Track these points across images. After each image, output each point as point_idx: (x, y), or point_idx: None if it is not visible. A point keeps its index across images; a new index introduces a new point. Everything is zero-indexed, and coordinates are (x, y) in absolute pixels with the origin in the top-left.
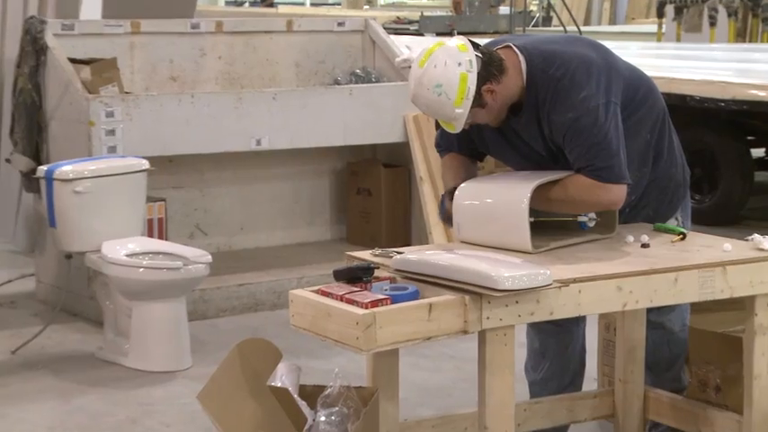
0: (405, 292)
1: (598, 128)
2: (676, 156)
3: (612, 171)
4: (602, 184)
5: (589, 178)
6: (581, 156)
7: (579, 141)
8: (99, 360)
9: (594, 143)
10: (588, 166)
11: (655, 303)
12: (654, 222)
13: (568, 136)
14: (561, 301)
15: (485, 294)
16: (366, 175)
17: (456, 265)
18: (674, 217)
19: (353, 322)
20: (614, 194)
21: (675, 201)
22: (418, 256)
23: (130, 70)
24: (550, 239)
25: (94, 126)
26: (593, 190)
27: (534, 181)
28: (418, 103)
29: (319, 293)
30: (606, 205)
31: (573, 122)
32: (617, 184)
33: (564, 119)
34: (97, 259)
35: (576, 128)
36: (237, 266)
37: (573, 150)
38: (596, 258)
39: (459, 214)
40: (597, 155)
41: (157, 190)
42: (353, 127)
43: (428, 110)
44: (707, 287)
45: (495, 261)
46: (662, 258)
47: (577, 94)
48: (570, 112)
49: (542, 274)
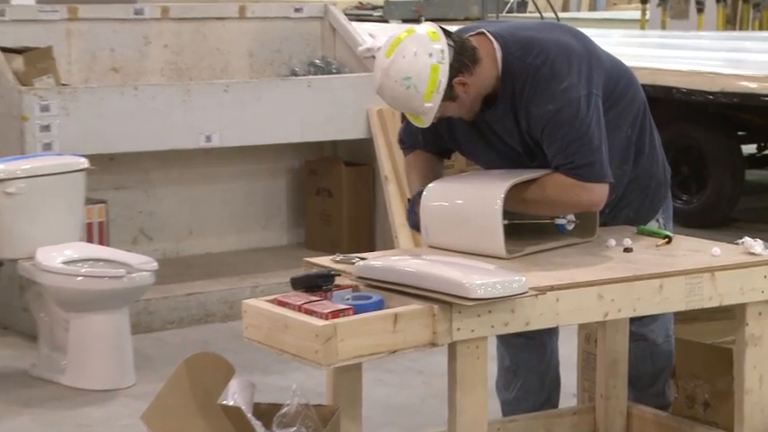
0: (368, 302)
1: (579, 121)
2: (657, 153)
3: (594, 169)
4: (582, 183)
5: (568, 177)
6: (560, 152)
7: (559, 136)
8: (32, 378)
9: (575, 138)
10: (568, 164)
11: (638, 312)
12: (634, 224)
13: (547, 130)
14: (538, 311)
15: (455, 304)
16: (326, 174)
17: (424, 271)
18: (654, 219)
19: (312, 334)
20: (596, 194)
21: (657, 201)
22: (383, 262)
23: (67, 60)
24: (526, 244)
25: (28, 121)
26: (572, 189)
27: (508, 180)
28: (384, 96)
29: (275, 303)
30: (587, 206)
31: (553, 115)
32: (598, 183)
33: (543, 111)
34: (31, 267)
35: (555, 121)
36: (186, 274)
37: (551, 146)
38: (575, 264)
39: (428, 217)
40: (578, 151)
41: (97, 191)
42: (312, 122)
43: (395, 103)
44: (694, 294)
45: (467, 267)
46: (646, 264)
47: (558, 85)
48: (550, 103)
49: (517, 281)
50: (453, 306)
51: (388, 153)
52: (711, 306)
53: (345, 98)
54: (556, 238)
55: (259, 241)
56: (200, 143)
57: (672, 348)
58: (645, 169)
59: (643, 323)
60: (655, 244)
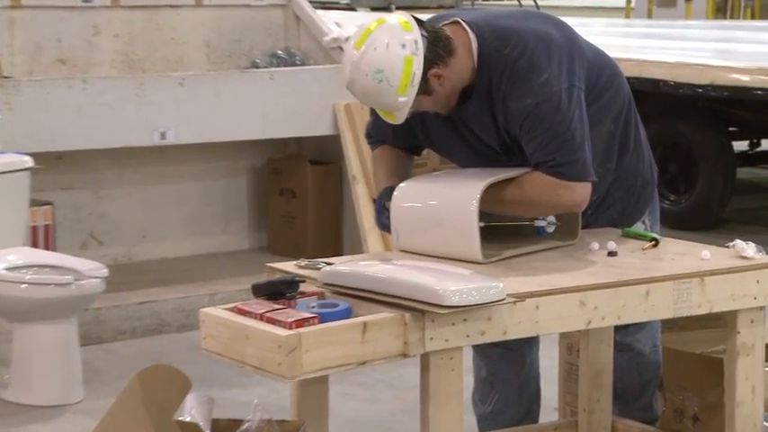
0: (335, 310)
1: (561, 116)
2: (643, 150)
3: (576, 167)
4: (564, 182)
5: (549, 175)
6: (540, 148)
7: (539, 132)
8: None
9: (556, 134)
10: (548, 161)
11: (623, 320)
12: (618, 226)
13: (526, 125)
14: (516, 319)
15: (428, 311)
16: (290, 173)
17: (395, 277)
18: (640, 220)
19: (275, 345)
20: (578, 194)
21: (642, 201)
22: (351, 267)
23: (10, 51)
24: (503, 247)
25: None
26: (553, 189)
27: (485, 179)
28: (354, 91)
29: (235, 312)
30: (569, 206)
31: (532, 109)
32: (581, 182)
33: (521, 105)
34: None
35: (535, 115)
36: (139, 281)
37: (531, 142)
38: (556, 269)
39: (399, 219)
40: (559, 148)
41: (43, 192)
42: (275, 117)
43: (366, 99)
44: (682, 301)
45: (440, 273)
46: (631, 268)
47: (537, 77)
48: (529, 97)
49: (494, 287)
50: (426, 314)
51: (356, 151)
52: (701, 313)
53: (310, 92)
54: (535, 241)
55: (218, 245)
56: (154, 140)
57: (659, 359)
58: (629, 167)
59: (628, 332)
60: (641, 247)
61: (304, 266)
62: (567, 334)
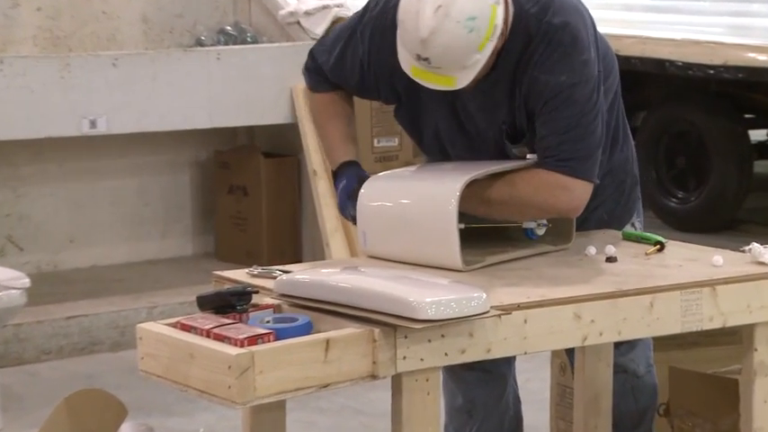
0: (293, 325)
1: (591, 105)
2: (630, 143)
3: (586, 164)
4: (565, 180)
5: (550, 171)
6: (556, 133)
7: (564, 115)
8: None
9: (580, 124)
10: (557, 153)
11: (624, 336)
12: (608, 228)
13: (553, 104)
14: (501, 335)
15: (400, 326)
16: (241, 168)
17: (362, 287)
18: (630, 222)
19: (224, 366)
20: (576, 196)
21: (632, 201)
22: (311, 276)
23: None
24: (487, 252)
25: None
26: (550, 189)
27: (466, 174)
28: (433, 45)
29: (178, 328)
30: (564, 210)
31: (566, 89)
32: (585, 181)
33: (555, 80)
34: None
35: (567, 96)
36: (66, 293)
37: (548, 124)
38: (547, 277)
39: (366, 220)
40: (578, 139)
41: None
42: (223, 103)
43: (443, 54)
44: (692, 314)
45: (414, 282)
46: (633, 276)
47: (579, 55)
48: (565, 74)
49: (476, 298)
50: (398, 329)
51: (317, 141)
52: (713, 328)
53: (264, 74)
54: (524, 245)
55: (157, 251)
56: (82, 130)
57: (655, 381)
58: (620, 162)
59: (620, 351)
60: (643, 252)
61: (257, 275)
62: (559, 352)
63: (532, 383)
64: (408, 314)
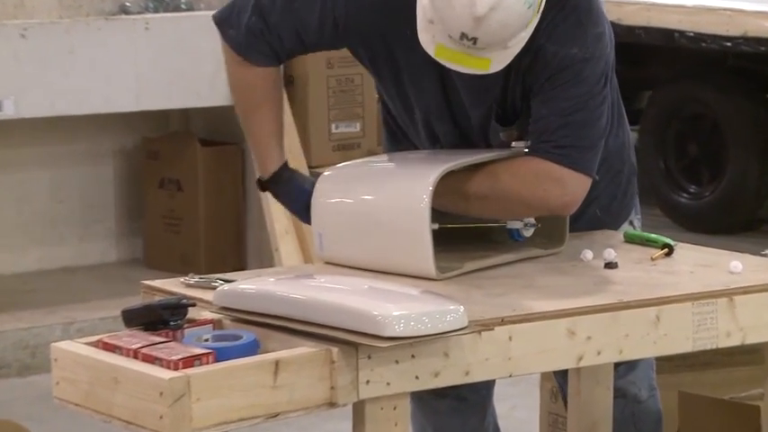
0: (236, 344)
1: (599, 88)
2: (626, 127)
3: (586, 154)
4: (560, 169)
5: (543, 159)
6: (555, 115)
7: (568, 94)
8: None
9: (586, 107)
10: (554, 138)
11: (626, 355)
12: (602, 227)
13: (558, 79)
14: (482, 354)
15: (363, 345)
16: (174, 158)
17: (317, 299)
18: (628, 221)
19: (155, 392)
20: (571, 191)
21: (630, 196)
22: (258, 285)
23: None
24: (465, 257)
25: None
26: (540, 181)
27: (441, 164)
28: (491, 20)
29: (100, 347)
30: (555, 207)
31: (575, 63)
32: (582, 174)
33: (564, 53)
34: None
35: (576, 72)
36: None
37: (549, 103)
38: (536, 286)
39: (323, 219)
40: (582, 125)
41: None
42: (152, 82)
43: (499, 32)
44: (705, 329)
45: (380, 292)
46: (636, 285)
47: (594, 27)
48: (577, 46)
49: (452, 311)
50: (360, 349)
51: None
52: (730, 345)
53: (201, 47)
54: (508, 248)
55: (75, 257)
56: None
57: (659, 407)
58: (616, 149)
59: (619, 373)
60: (649, 256)
61: (194, 285)
62: (550, 375)
63: (518, 412)
64: (372, 330)
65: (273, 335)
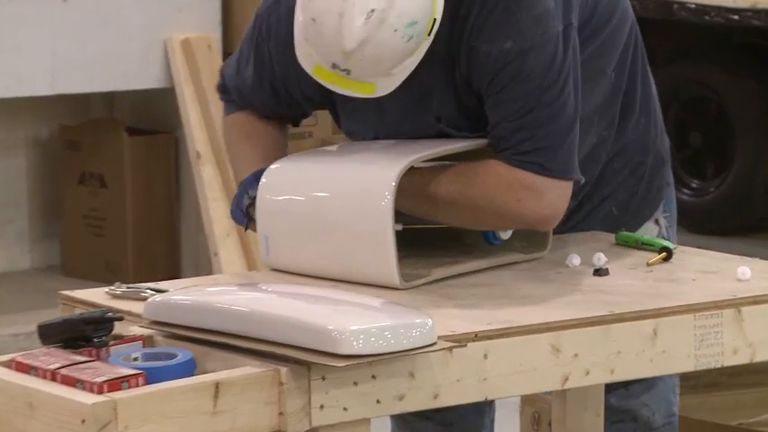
0: (170, 363)
1: (553, 74)
2: (655, 112)
3: (557, 155)
4: (532, 177)
5: (512, 166)
6: (510, 119)
7: (516, 94)
8: None
9: (540, 102)
10: (517, 144)
11: (618, 376)
12: (620, 228)
13: (499, 81)
14: (453, 375)
15: (316, 364)
16: (96, 149)
17: (263, 311)
18: (652, 219)
19: (76, 419)
20: (548, 201)
21: (655, 190)
22: (195, 296)
23: None
24: (433, 263)
25: None
26: (512, 190)
27: (405, 156)
28: (360, 55)
29: (12, 368)
30: (532, 220)
31: (513, 58)
32: (558, 180)
33: (497, 50)
34: None
35: (516, 68)
36: None
37: (499, 108)
38: (515, 296)
39: (269, 220)
40: (540, 123)
41: None
42: (71, 62)
43: (371, 65)
44: (709, 345)
45: (335, 304)
46: (630, 295)
47: (528, 9)
48: (511, 38)
49: (419, 325)
50: (313, 368)
51: (201, 113)
52: (737, 364)
53: (128, 22)
54: (482, 253)
55: None
56: None
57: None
58: (636, 136)
59: (631, 392)
60: (645, 261)
61: (121, 295)
62: (532, 398)
63: None
64: (327, 347)
65: (213, 353)
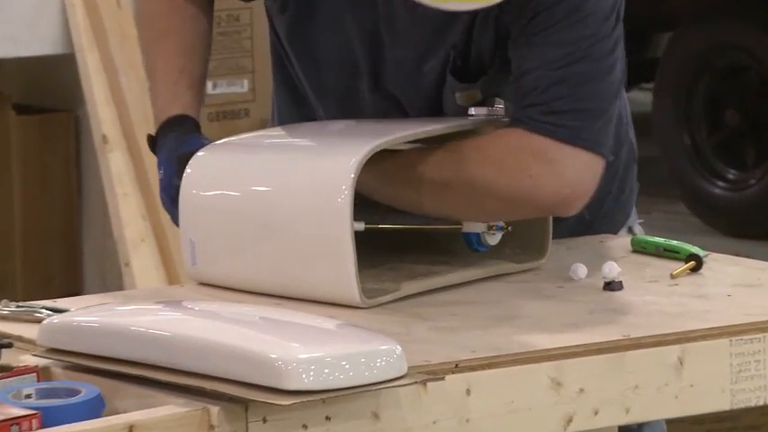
0: (72, 401)
1: (607, 29)
2: (623, 97)
3: (593, 125)
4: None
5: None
6: (544, 66)
7: (566, 36)
8: None
9: (590, 55)
10: (546, 102)
11: (636, 416)
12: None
13: (547, 18)
14: (428, 415)
15: (255, 402)
16: None
17: (189, 336)
18: (626, 226)
19: None
20: (573, 177)
21: (628, 192)
22: (102, 318)
23: None
24: (403, 276)
25: None
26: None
27: (372, 139)
28: None
29: None
30: (550, 204)
31: None
32: (590, 153)
33: None
34: None
35: (576, 5)
36: None
37: (535, 51)
38: (506, 316)
39: (195, 221)
40: (583, 81)
41: None
42: None
43: None
44: (749, 378)
45: (280, 327)
46: (649, 315)
47: None
48: None
49: (385, 353)
50: (251, 408)
51: (109, 87)
52: None
53: None
54: (465, 262)
55: None
56: None
57: None
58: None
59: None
60: (668, 273)
61: (9, 316)
62: None
63: None
64: (269, 381)
65: (125, 388)
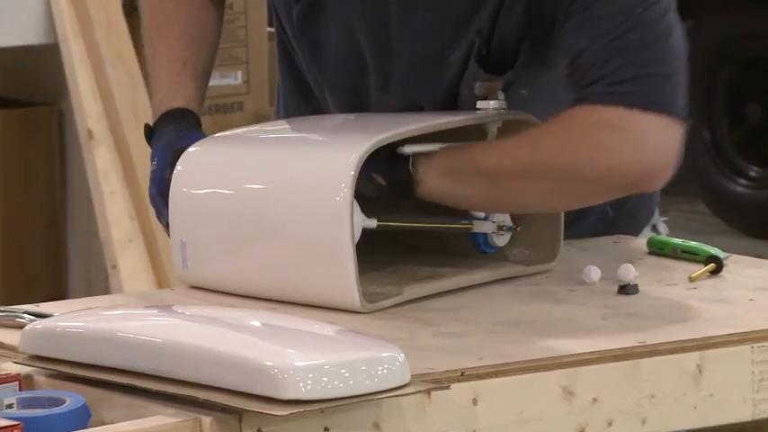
0: (55, 412)
1: (663, 7)
2: None
3: (661, 87)
4: (629, 114)
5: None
6: (603, 39)
7: (614, 7)
8: None
9: (643, 22)
10: (606, 75)
11: (650, 428)
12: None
13: None
14: (433, 426)
15: (249, 412)
16: None
17: (180, 343)
18: (650, 224)
19: None
20: (654, 146)
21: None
22: (87, 323)
23: None
24: (406, 279)
25: None
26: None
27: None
28: None
29: None
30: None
31: None
32: (665, 116)
33: None
34: None
35: None
36: None
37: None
38: (514, 322)
39: (187, 222)
40: (642, 48)
41: None
42: None
43: None
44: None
45: (276, 333)
46: (666, 320)
47: None
48: None
49: (387, 360)
50: (246, 418)
51: (95, 79)
52: None
53: None
54: (472, 264)
55: None
56: None
57: None
58: None
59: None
60: (687, 275)
61: None
62: None
63: None
64: (265, 390)
65: (112, 398)
